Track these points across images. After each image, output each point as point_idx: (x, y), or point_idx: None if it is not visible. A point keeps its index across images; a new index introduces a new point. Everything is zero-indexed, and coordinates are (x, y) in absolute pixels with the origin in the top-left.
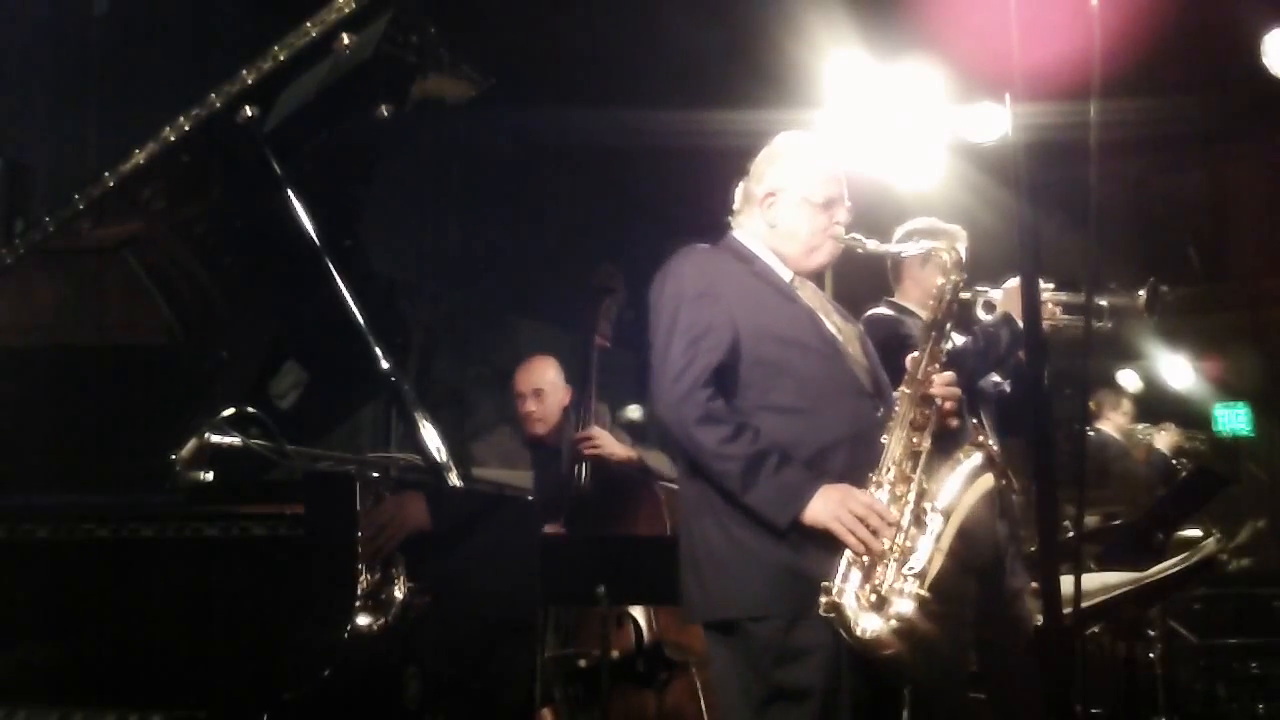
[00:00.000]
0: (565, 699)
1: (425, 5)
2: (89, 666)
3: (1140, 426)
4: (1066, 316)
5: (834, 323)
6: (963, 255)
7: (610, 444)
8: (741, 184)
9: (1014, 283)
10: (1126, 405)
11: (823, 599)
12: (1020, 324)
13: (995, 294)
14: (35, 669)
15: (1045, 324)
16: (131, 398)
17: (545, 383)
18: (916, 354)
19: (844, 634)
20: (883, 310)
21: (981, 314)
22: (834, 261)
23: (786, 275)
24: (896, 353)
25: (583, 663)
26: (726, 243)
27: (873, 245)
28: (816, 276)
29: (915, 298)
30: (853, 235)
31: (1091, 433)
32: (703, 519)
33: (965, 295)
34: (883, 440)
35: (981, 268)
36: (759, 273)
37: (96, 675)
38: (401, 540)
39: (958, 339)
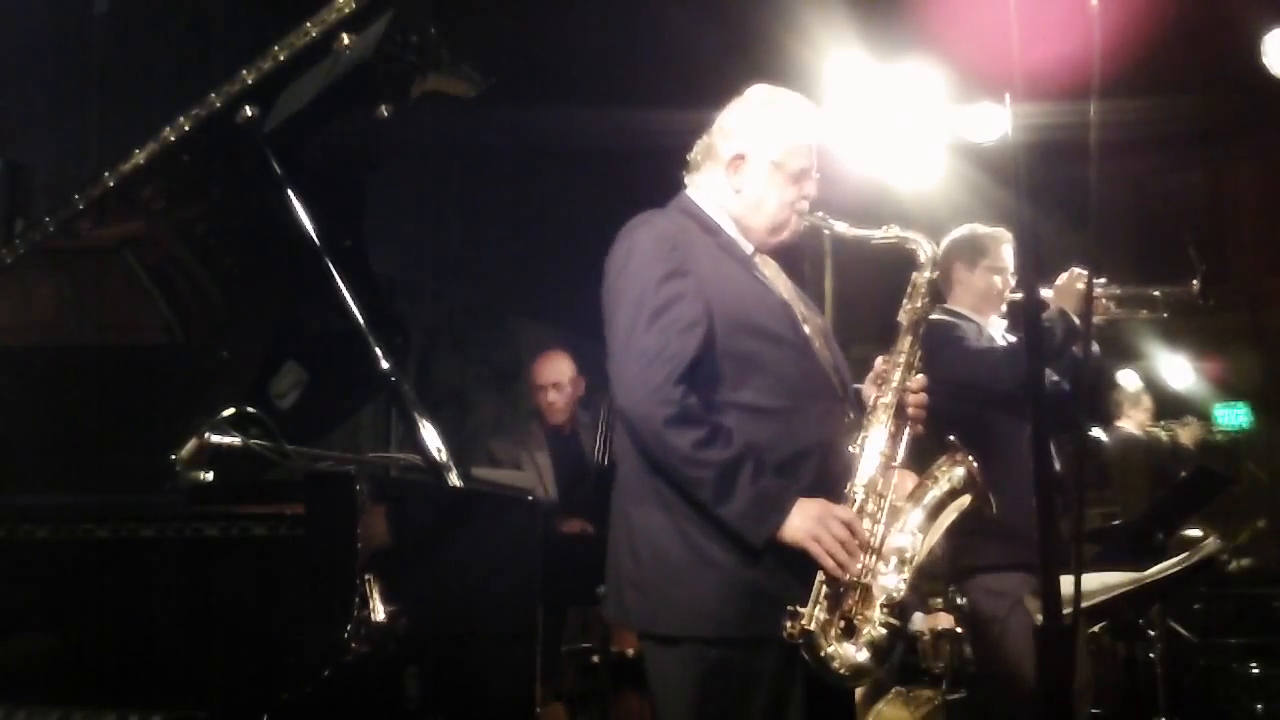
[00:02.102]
0: (577, 694)
1: (425, 5)
2: (89, 666)
3: (1162, 423)
4: (1120, 311)
5: (800, 313)
6: (1009, 256)
7: None
8: (705, 138)
9: (1064, 279)
10: (1147, 403)
11: (788, 623)
12: (1074, 318)
13: (1046, 292)
14: (35, 669)
15: (1099, 318)
16: (131, 398)
17: (563, 375)
18: (889, 356)
19: (811, 663)
20: (939, 316)
21: None
22: (796, 238)
23: (747, 249)
24: (953, 357)
25: (596, 658)
26: (684, 206)
27: (840, 227)
28: (796, 267)
29: (967, 303)
30: (820, 214)
31: (1105, 436)
32: (651, 515)
33: (1018, 296)
34: (852, 450)
35: None
36: (725, 246)
37: (96, 675)
38: (370, 561)
39: (1010, 338)
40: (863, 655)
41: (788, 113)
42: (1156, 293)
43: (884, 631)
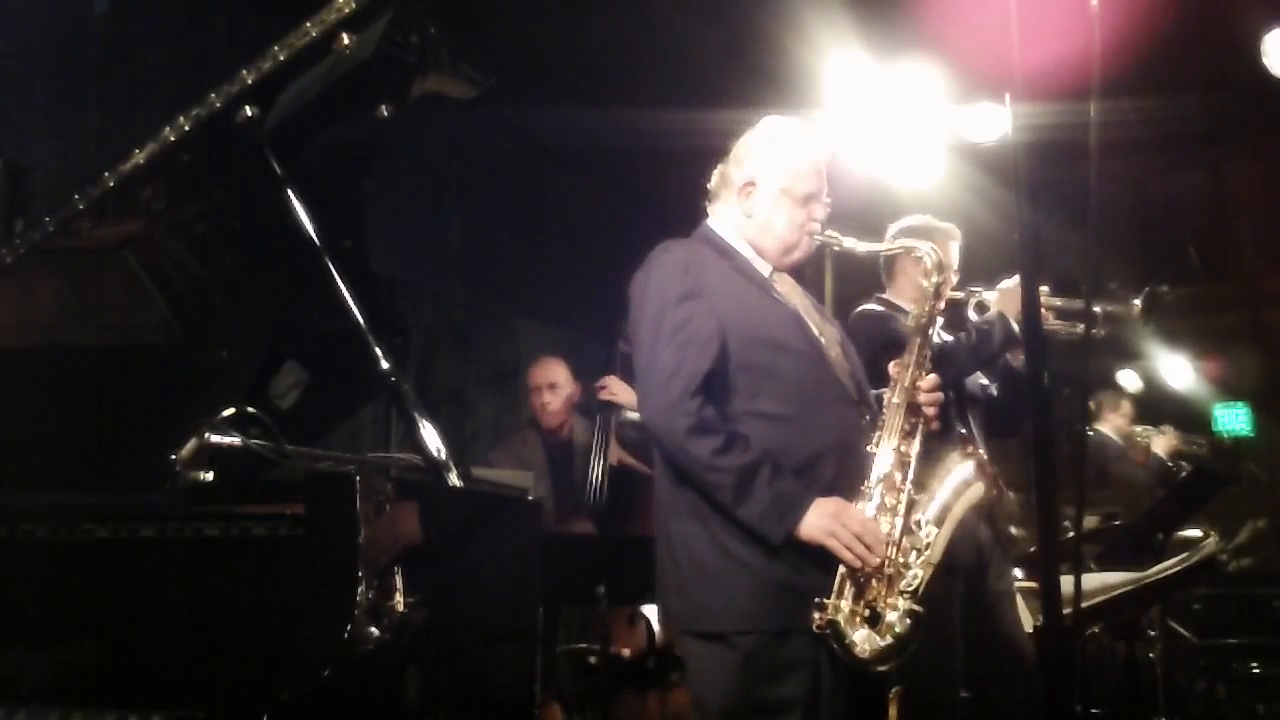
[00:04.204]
0: (574, 694)
1: (425, 5)
2: (89, 666)
3: (1139, 429)
4: (1059, 322)
5: (815, 323)
6: (956, 255)
7: (625, 393)
8: (720, 167)
9: (1009, 283)
10: (1126, 407)
11: (816, 615)
12: (1014, 324)
13: (989, 295)
14: (35, 669)
15: None
16: (131, 398)
17: (558, 378)
18: (902, 360)
19: (838, 650)
20: (873, 306)
21: (973, 315)
22: (810, 256)
23: (764, 270)
24: (885, 349)
25: (593, 659)
26: (703, 233)
27: (849, 243)
28: (799, 273)
29: (908, 295)
30: (829, 233)
31: (1090, 434)
32: (686, 524)
33: (958, 295)
34: (869, 449)
35: (981, 268)
36: (739, 268)
37: (96, 675)
38: (398, 553)
39: (946, 336)
40: (886, 641)
41: (794, 140)
42: (1097, 308)
43: (907, 619)
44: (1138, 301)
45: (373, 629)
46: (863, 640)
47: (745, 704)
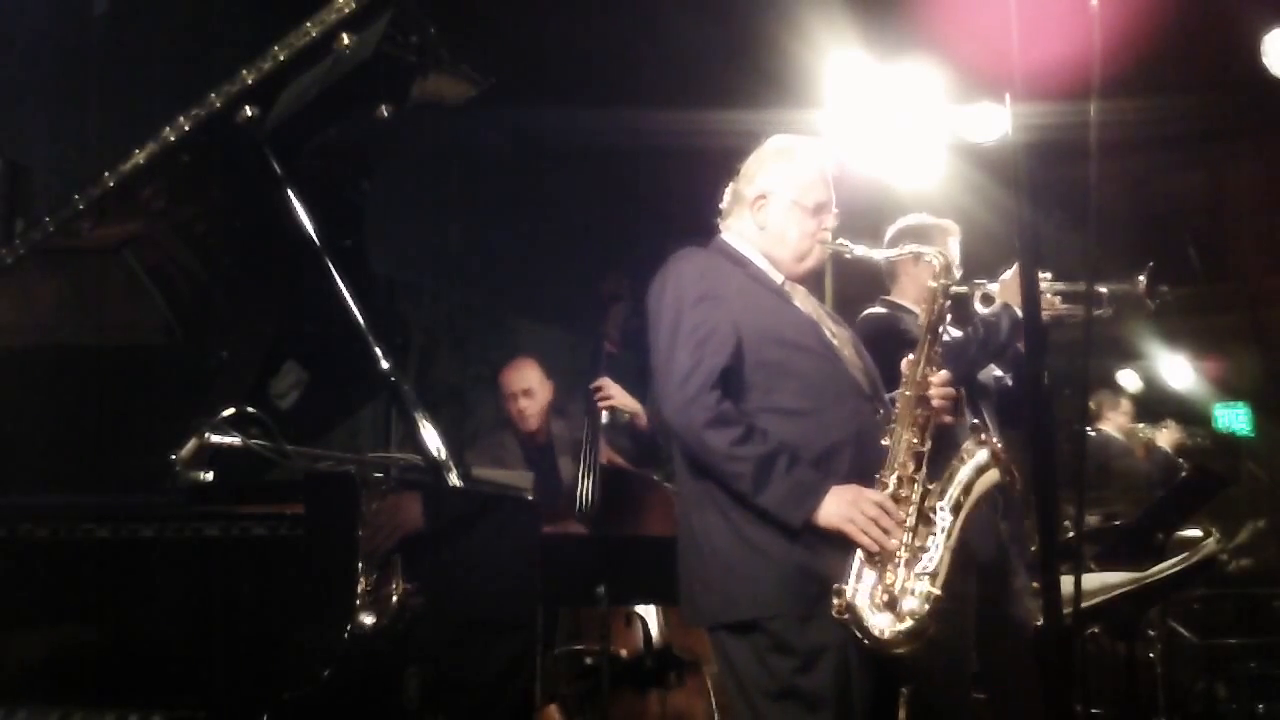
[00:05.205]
0: (572, 696)
1: (425, 5)
2: (89, 666)
3: (1141, 425)
4: (1065, 306)
5: (828, 328)
6: (955, 250)
7: (620, 395)
8: (731, 185)
9: (1010, 273)
10: (1126, 405)
11: (836, 600)
12: (1019, 313)
13: (992, 287)
14: (35, 669)
15: (1045, 314)
16: (131, 398)
17: (533, 382)
18: (913, 356)
19: (858, 634)
20: (878, 309)
21: (979, 307)
22: (822, 265)
23: (778, 279)
24: (894, 349)
25: (590, 660)
26: (718, 245)
27: (860, 250)
28: (810, 280)
29: (911, 295)
30: (840, 240)
31: (1093, 433)
32: (707, 518)
33: (962, 289)
34: (884, 442)
35: (981, 268)
36: (754, 275)
37: (96, 675)
38: (398, 541)
39: (955, 332)
40: (905, 624)
41: (801, 154)
42: (1103, 289)
43: (925, 603)
44: (1142, 278)
45: (369, 616)
46: (882, 623)
47: (780, 689)
